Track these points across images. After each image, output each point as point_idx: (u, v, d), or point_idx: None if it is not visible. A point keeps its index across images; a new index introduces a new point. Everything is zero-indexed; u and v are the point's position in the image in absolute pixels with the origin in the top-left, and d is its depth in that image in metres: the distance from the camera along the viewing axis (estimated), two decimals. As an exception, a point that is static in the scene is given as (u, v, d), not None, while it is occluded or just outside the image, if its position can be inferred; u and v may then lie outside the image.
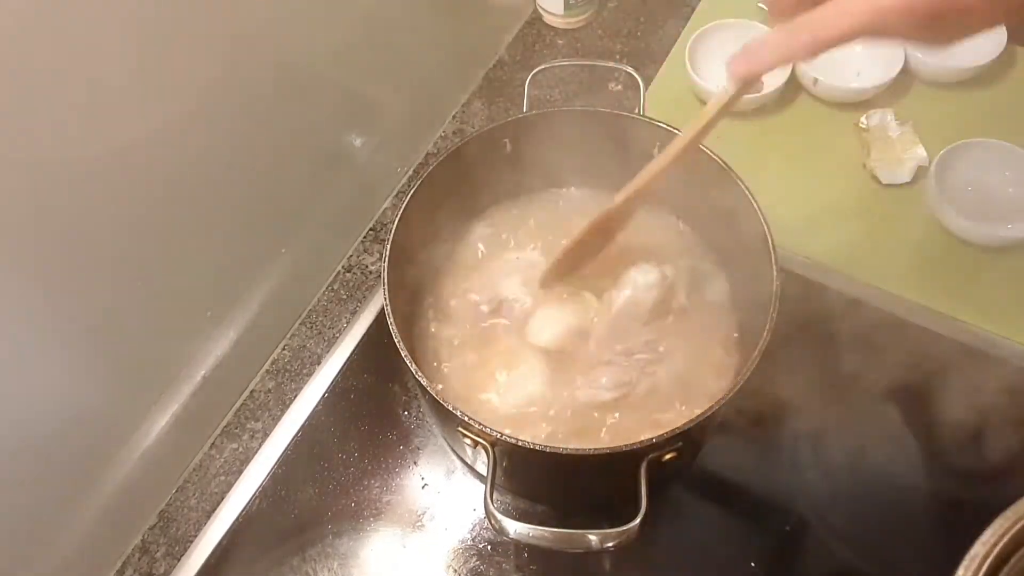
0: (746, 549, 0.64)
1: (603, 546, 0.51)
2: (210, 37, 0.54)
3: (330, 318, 0.78)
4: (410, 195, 0.62)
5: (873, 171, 0.81)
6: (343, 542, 0.66)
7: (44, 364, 0.53)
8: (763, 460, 0.67)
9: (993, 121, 0.83)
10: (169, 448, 0.67)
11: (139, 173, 0.53)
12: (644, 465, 0.52)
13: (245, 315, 0.70)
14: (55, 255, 0.49)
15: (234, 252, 0.66)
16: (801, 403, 0.70)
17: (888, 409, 0.70)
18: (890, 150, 0.81)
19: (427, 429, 0.70)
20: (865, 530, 0.64)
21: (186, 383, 0.66)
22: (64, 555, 0.60)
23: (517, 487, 0.66)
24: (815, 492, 0.66)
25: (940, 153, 0.77)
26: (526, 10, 1.00)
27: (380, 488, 0.68)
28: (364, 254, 0.82)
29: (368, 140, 0.77)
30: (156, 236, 0.57)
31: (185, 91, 0.54)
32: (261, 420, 0.73)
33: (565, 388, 0.62)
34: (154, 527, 0.68)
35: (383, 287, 0.58)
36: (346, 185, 0.77)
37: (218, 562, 0.65)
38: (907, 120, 0.83)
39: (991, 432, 0.68)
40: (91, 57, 0.46)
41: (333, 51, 0.68)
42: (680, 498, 0.66)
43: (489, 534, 0.65)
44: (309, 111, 0.68)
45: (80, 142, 0.47)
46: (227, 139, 0.60)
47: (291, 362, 0.76)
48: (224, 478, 0.70)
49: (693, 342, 0.65)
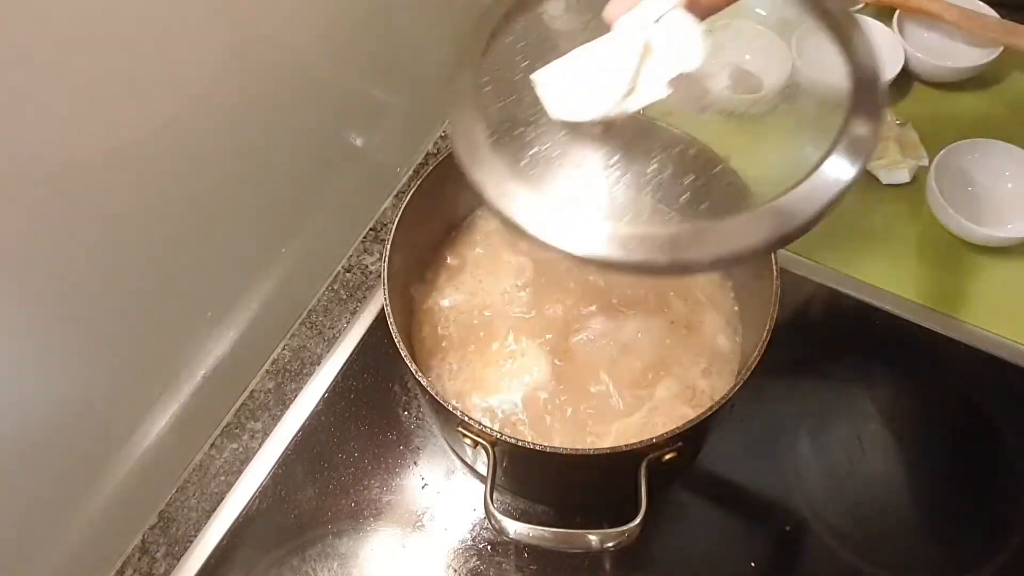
0: (746, 549, 0.64)
1: (603, 546, 0.51)
2: (209, 37, 0.54)
3: (330, 318, 0.78)
4: (410, 195, 0.62)
5: (873, 171, 0.81)
6: (343, 542, 0.66)
7: (43, 364, 0.53)
8: (763, 460, 0.67)
9: (993, 121, 0.83)
10: (169, 448, 0.67)
11: (138, 173, 0.53)
12: (644, 465, 0.52)
13: (245, 315, 0.70)
14: (54, 255, 0.49)
15: (234, 252, 0.66)
16: (801, 403, 0.70)
17: (888, 409, 0.70)
18: (890, 150, 0.81)
19: (427, 429, 0.70)
20: (865, 530, 0.64)
21: (186, 383, 0.66)
22: (64, 555, 0.60)
23: (517, 487, 0.66)
24: (815, 492, 0.66)
25: (940, 153, 0.77)
26: (526, 10, 0.99)
27: (380, 488, 0.68)
28: (364, 254, 0.82)
29: (368, 140, 0.77)
30: (156, 236, 0.57)
31: (184, 91, 0.53)
32: (261, 420, 0.73)
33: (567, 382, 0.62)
34: (154, 527, 0.68)
35: (383, 287, 0.58)
36: (346, 185, 0.77)
37: (218, 562, 0.65)
38: (907, 120, 0.83)
39: (991, 432, 0.68)
40: (91, 56, 0.46)
41: (333, 51, 0.68)
42: (680, 498, 0.66)
43: (489, 534, 0.65)
44: (309, 111, 0.68)
45: (79, 141, 0.47)
46: (227, 139, 0.60)
47: (291, 362, 0.76)
48: (224, 478, 0.70)
49: (693, 342, 0.65)
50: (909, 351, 0.73)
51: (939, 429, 0.69)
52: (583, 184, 0.46)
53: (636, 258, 0.38)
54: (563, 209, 0.40)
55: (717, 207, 0.44)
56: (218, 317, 0.67)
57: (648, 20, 0.39)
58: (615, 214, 0.43)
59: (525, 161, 0.46)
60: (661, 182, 0.45)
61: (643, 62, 0.40)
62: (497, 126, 0.46)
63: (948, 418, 0.69)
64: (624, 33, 0.40)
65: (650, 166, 0.46)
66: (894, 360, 0.73)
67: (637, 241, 0.38)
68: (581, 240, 0.39)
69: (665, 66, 0.39)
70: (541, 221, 0.40)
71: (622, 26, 0.40)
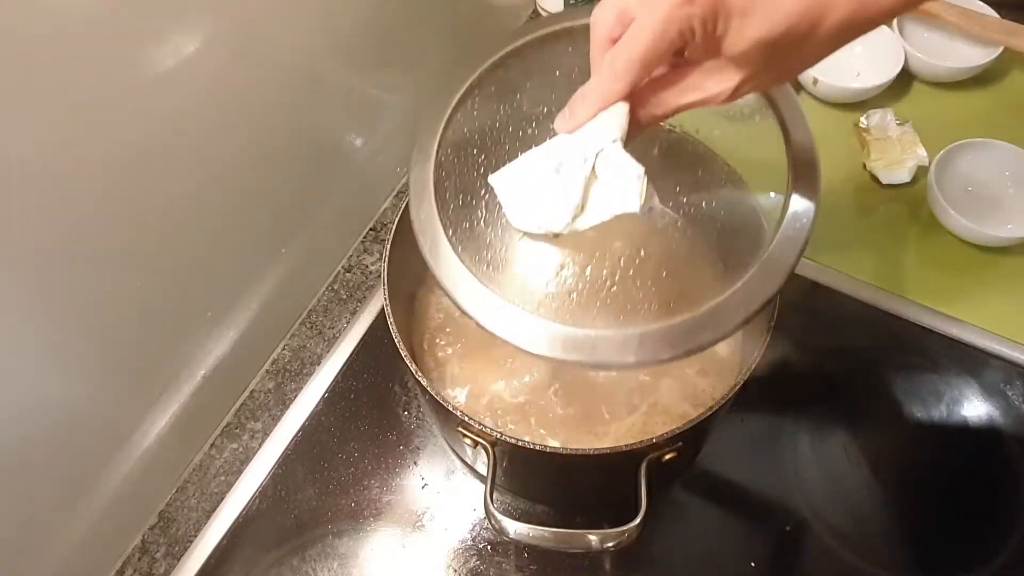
0: (746, 549, 0.64)
1: (603, 546, 0.51)
2: (209, 37, 0.54)
3: (330, 318, 0.78)
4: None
5: (873, 171, 0.81)
6: (343, 542, 0.66)
7: (43, 364, 0.53)
8: (763, 460, 0.67)
9: (993, 121, 0.83)
10: (169, 448, 0.67)
11: (138, 172, 0.53)
12: (644, 465, 0.52)
13: (245, 315, 0.70)
14: (54, 255, 0.49)
15: (234, 252, 0.66)
16: (801, 403, 0.70)
17: (888, 409, 0.70)
18: (890, 150, 0.81)
19: (427, 429, 0.70)
20: (865, 530, 0.64)
21: (186, 383, 0.66)
22: (64, 555, 0.60)
23: (517, 487, 0.66)
24: (815, 492, 0.66)
25: (940, 153, 0.77)
26: (526, 10, 1.00)
27: (380, 488, 0.68)
28: (364, 254, 0.82)
29: (368, 140, 0.77)
30: (156, 236, 0.57)
31: (184, 91, 0.53)
32: (261, 420, 0.73)
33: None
34: (154, 527, 0.68)
35: (383, 287, 0.58)
36: (346, 185, 0.77)
37: (218, 562, 0.65)
38: (907, 120, 0.83)
39: (992, 432, 0.68)
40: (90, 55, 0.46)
41: (333, 51, 0.68)
42: (680, 498, 0.66)
43: (489, 534, 0.65)
44: (309, 111, 0.68)
45: (79, 141, 0.47)
46: (227, 139, 0.60)
47: (291, 362, 0.76)
48: (224, 478, 0.70)
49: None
50: (909, 351, 0.73)
51: (939, 429, 0.69)
52: (539, 283, 0.50)
53: (596, 359, 0.42)
54: (519, 311, 0.43)
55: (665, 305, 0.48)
56: (218, 317, 0.67)
57: (593, 146, 0.42)
58: (565, 313, 0.47)
59: (485, 259, 0.50)
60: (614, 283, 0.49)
61: (590, 186, 0.43)
62: (456, 224, 0.49)
63: (948, 418, 0.69)
64: (572, 154, 0.43)
65: (604, 269, 0.50)
66: (894, 360, 0.73)
67: (589, 343, 0.42)
68: (535, 341, 0.42)
69: (608, 201, 0.42)
70: (501, 322, 0.43)
71: (570, 144, 0.43)
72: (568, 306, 0.50)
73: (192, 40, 0.52)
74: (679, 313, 0.43)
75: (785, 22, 0.35)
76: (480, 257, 0.51)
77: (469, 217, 0.51)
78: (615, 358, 0.42)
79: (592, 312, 0.49)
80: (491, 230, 0.52)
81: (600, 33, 0.39)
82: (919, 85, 0.87)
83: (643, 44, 0.37)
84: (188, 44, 0.52)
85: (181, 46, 0.52)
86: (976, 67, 0.84)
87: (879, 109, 0.84)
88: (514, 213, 0.47)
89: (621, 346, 0.42)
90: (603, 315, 0.49)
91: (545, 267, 0.52)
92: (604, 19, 0.39)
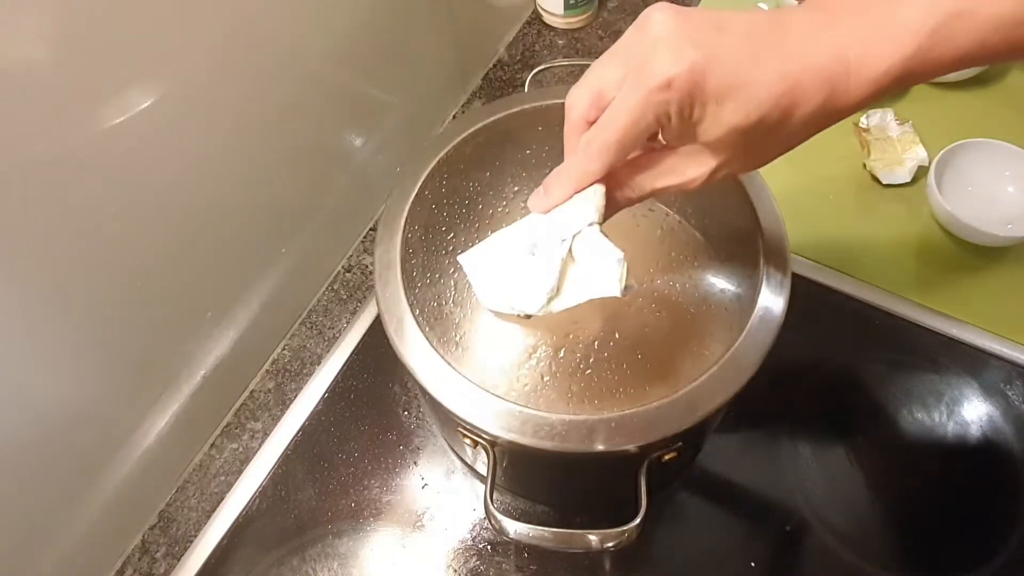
0: (746, 549, 0.64)
1: (603, 546, 0.51)
2: (209, 36, 0.54)
3: (330, 318, 0.78)
4: (410, 195, 0.62)
5: (873, 171, 0.81)
6: (343, 542, 0.66)
7: (43, 364, 0.53)
8: (763, 460, 0.67)
9: (993, 121, 0.83)
10: (169, 448, 0.67)
11: (138, 172, 0.53)
12: (644, 465, 0.52)
13: (245, 315, 0.70)
14: (54, 255, 0.49)
15: (234, 252, 0.66)
16: (801, 403, 0.70)
17: (888, 409, 0.70)
18: (890, 150, 0.81)
19: (427, 429, 0.70)
20: (865, 530, 0.64)
21: (186, 383, 0.66)
22: (64, 555, 0.60)
23: (517, 487, 0.66)
24: (815, 492, 0.66)
25: (940, 153, 0.77)
26: (526, 10, 1.00)
27: (380, 488, 0.68)
28: (364, 254, 0.82)
29: (368, 140, 0.77)
30: (156, 236, 0.57)
31: (184, 91, 0.53)
32: (261, 420, 0.73)
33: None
34: (154, 527, 0.68)
35: (383, 287, 0.58)
36: (346, 185, 0.77)
37: (218, 562, 0.65)
38: (907, 120, 0.83)
39: (992, 431, 0.68)
40: (90, 54, 0.46)
41: (333, 51, 0.68)
42: (680, 498, 0.66)
43: (489, 534, 0.65)
44: (309, 111, 0.68)
45: (79, 140, 0.47)
46: (227, 139, 0.60)
47: (291, 362, 0.76)
48: (224, 478, 0.70)
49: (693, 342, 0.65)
50: (909, 351, 0.73)
51: (939, 428, 0.69)
52: (510, 365, 0.51)
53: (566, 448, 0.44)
54: (487, 395, 0.44)
55: (640, 389, 0.50)
56: (218, 317, 0.67)
57: (570, 227, 0.41)
58: (537, 397, 0.49)
59: (453, 339, 0.51)
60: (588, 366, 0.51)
61: (566, 267, 0.42)
62: (423, 304, 0.50)
63: (948, 418, 0.69)
64: (548, 235, 0.42)
65: (576, 352, 0.51)
66: (894, 360, 0.73)
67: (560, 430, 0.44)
68: (505, 428, 0.44)
69: (587, 284, 0.42)
70: (467, 407, 0.44)
71: (544, 224, 0.42)
72: (540, 389, 0.50)
73: (192, 39, 0.52)
74: (649, 400, 0.44)
75: (759, 111, 0.36)
76: (448, 337, 0.51)
77: (437, 296, 0.52)
78: (583, 446, 0.44)
79: (566, 395, 0.50)
80: (460, 309, 0.52)
81: (575, 115, 0.39)
82: (919, 85, 0.87)
83: (620, 128, 0.37)
84: (188, 43, 0.52)
85: (181, 44, 0.52)
86: (976, 67, 0.84)
87: (879, 109, 0.84)
88: (485, 293, 0.47)
89: (589, 434, 0.44)
90: (576, 399, 0.50)
91: (516, 348, 0.52)
92: (579, 101, 0.39)
